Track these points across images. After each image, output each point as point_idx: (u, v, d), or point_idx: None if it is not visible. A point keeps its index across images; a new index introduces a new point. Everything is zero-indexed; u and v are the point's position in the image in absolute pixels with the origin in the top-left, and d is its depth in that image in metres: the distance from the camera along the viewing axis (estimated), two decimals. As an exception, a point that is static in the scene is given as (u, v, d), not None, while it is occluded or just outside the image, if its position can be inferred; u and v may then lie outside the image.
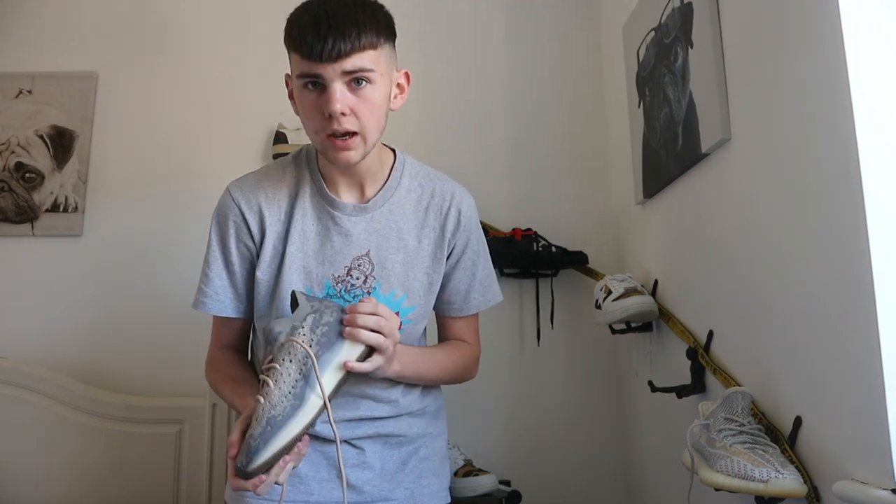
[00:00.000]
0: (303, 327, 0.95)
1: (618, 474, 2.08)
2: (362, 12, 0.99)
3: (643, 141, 1.83)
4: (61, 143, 2.22)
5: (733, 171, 1.35)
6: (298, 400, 0.91)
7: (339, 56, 0.96)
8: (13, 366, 1.98)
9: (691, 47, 1.50)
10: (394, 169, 1.17)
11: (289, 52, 1.03)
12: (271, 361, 0.94)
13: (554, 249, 2.07)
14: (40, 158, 2.21)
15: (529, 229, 2.09)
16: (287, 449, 0.90)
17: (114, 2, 2.32)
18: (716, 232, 1.44)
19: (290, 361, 0.93)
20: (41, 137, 2.21)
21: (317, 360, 0.93)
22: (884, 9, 0.99)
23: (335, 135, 1.01)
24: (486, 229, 2.11)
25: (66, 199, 2.19)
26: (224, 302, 1.15)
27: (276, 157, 2.12)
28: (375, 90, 1.02)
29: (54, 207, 2.18)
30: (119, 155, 2.23)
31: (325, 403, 0.92)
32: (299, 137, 2.13)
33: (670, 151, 1.63)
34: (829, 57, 1.02)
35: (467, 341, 1.25)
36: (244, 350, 1.21)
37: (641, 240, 1.96)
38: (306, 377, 0.92)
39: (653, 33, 1.74)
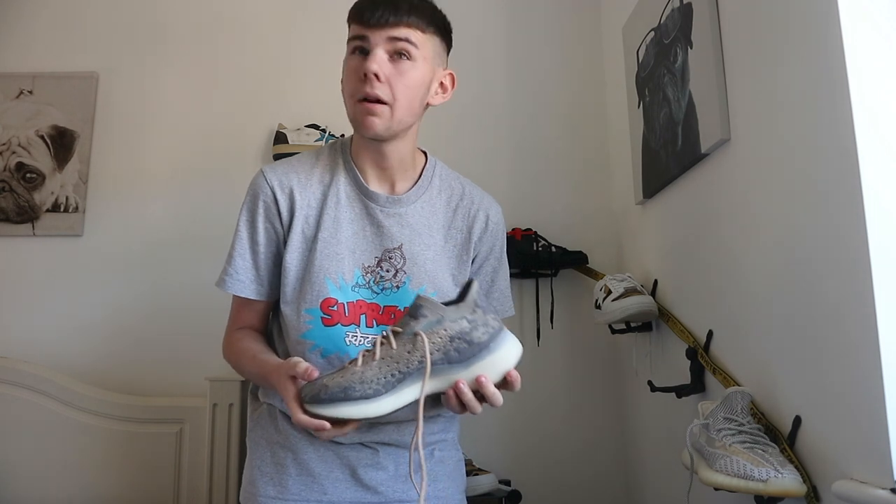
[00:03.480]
0: (445, 330, 0.89)
1: (618, 474, 2.08)
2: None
3: (643, 141, 1.83)
4: (62, 143, 2.22)
5: (733, 171, 1.35)
6: (384, 389, 0.88)
7: (387, 23, 1.03)
8: (13, 366, 1.98)
9: (691, 47, 1.50)
10: (425, 169, 1.19)
11: (349, 28, 1.09)
12: (398, 331, 0.90)
13: (554, 249, 2.07)
14: (41, 158, 2.21)
15: (529, 229, 2.09)
16: (349, 421, 0.89)
17: (114, 2, 2.33)
18: (716, 232, 1.44)
19: (409, 352, 0.88)
20: (42, 137, 2.22)
21: (429, 372, 0.88)
22: (883, 9, 0.99)
23: (367, 98, 1.04)
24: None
25: (67, 199, 2.19)
26: (244, 282, 1.13)
27: (276, 157, 2.13)
28: (414, 68, 1.06)
29: (55, 207, 2.19)
30: (119, 155, 2.24)
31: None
32: (299, 137, 2.13)
33: (670, 151, 1.63)
34: (828, 57, 1.02)
35: None
36: (263, 332, 1.20)
37: (641, 240, 1.96)
38: (405, 379, 0.88)
39: (652, 33, 1.74)
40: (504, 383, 0.93)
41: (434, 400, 1.16)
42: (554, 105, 2.28)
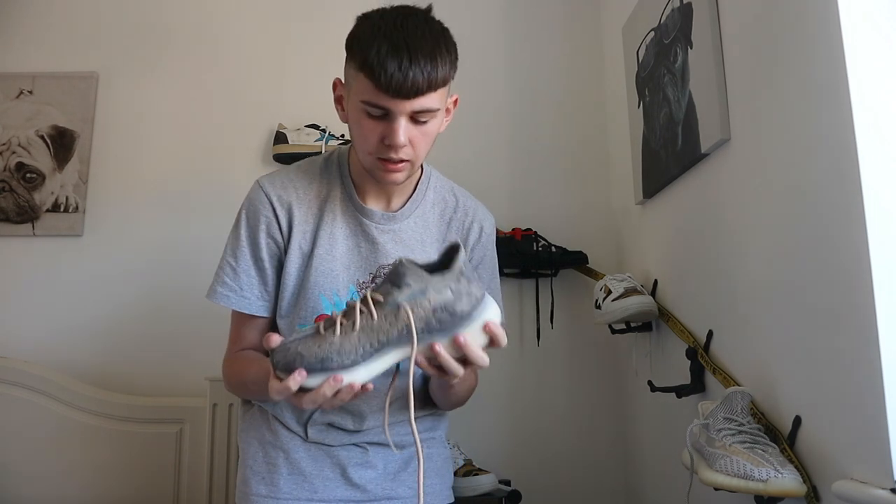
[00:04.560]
0: (429, 302, 0.85)
1: (617, 474, 2.08)
2: (439, 47, 0.98)
3: (643, 141, 1.83)
4: (62, 143, 2.22)
5: (733, 171, 1.35)
6: (361, 360, 0.84)
7: (415, 94, 0.96)
8: (14, 365, 1.98)
9: (691, 48, 1.50)
10: (420, 182, 1.19)
11: (354, 69, 1.00)
12: (378, 296, 0.85)
13: (554, 249, 2.07)
14: (41, 158, 2.21)
15: (529, 229, 2.09)
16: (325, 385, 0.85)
17: (114, 2, 2.32)
18: (716, 232, 1.44)
19: (389, 324, 0.84)
20: (42, 137, 2.22)
21: (416, 347, 0.84)
22: (883, 9, 0.99)
23: (390, 160, 1.02)
24: (487, 229, 2.11)
25: (67, 199, 2.19)
26: (249, 299, 1.13)
27: (276, 157, 2.13)
28: (434, 124, 1.04)
29: (55, 207, 2.18)
30: (119, 155, 2.24)
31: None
32: (299, 138, 2.13)
33: (670, 151, 1.63)
34: (828, 57, 1.02)
35: None
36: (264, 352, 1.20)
37: (641, 240, 1.96)
38: (383, 348, 0.85)
39: (652, 34, 1.74)
40: (490, 343, 0.90)
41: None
42: (554, 105, 2.28)
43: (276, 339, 0.86)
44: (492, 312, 0.90)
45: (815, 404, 1.07)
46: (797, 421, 1.10)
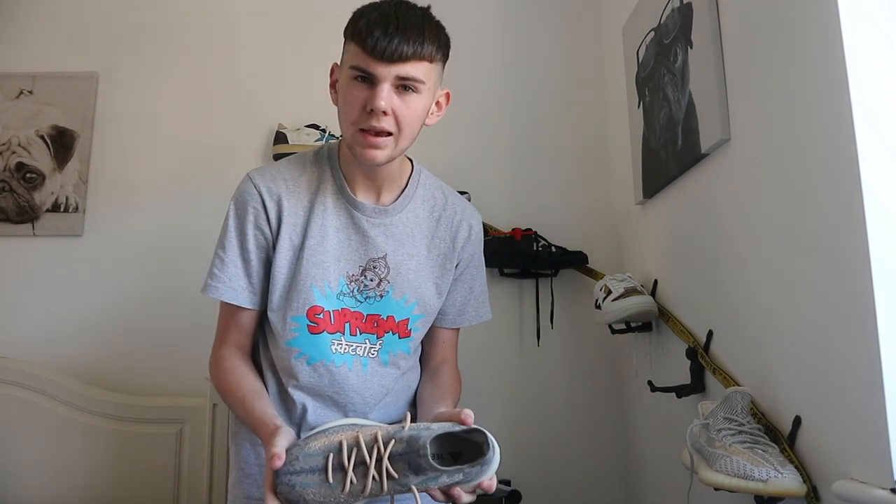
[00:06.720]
0: (439, 485, 0.87)
1: (617, 474, 2.08)
2: (429, 25, 1.04)
3: (643, 141, 1.83)
4: (62, 143, 2.22)
5: (733, 171, 1.35)
6: (360, 498, 0.88)
7: (399, 59, 1.00)
8: (14, 366, 1.98)
9: (691, 48, 1.50)
10: (411, 178, 1.19)
11: (347, 43, 1.06)
12: (393, 471, 0.86)
13: (554, 249, 2.07)
14: (41, 158, 2.21)
15: (529, 229, 2.09)
16: None
17: (114, 2, 2.33)
18: (716, 232, 1.44)
19: (394, 491, 0.87)
20: (42, 137, 2.22)
21: None
22: (883, 9, 1.00)
23: (370, 130, 1.03)
24: (487, 229, 2.11)
25: (67, 199, 2.19)
26: (236, 290, 1.13)
27: (276, 157, 2.13)
28: (419, 100, 1.05)
29: (55, 207, 2.19)
30: (119, 155, 2.24)
31: None
32: (299, 138, 2.13)
33: (670, 151, 1.63)
34: (828, 57, 1.02)
35: (449, 355, 1.26)
36: (250, 352, 1.19)
37: (641, 240, 1.96)
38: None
39: (652, 34, 1.74)
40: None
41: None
42: (554, 105, 2.29)
43: (279, 459, 0.88)
44: (490, 473, 0.90)
45: (815, 404, 1.07)
46: (797, 421, 1.10)
